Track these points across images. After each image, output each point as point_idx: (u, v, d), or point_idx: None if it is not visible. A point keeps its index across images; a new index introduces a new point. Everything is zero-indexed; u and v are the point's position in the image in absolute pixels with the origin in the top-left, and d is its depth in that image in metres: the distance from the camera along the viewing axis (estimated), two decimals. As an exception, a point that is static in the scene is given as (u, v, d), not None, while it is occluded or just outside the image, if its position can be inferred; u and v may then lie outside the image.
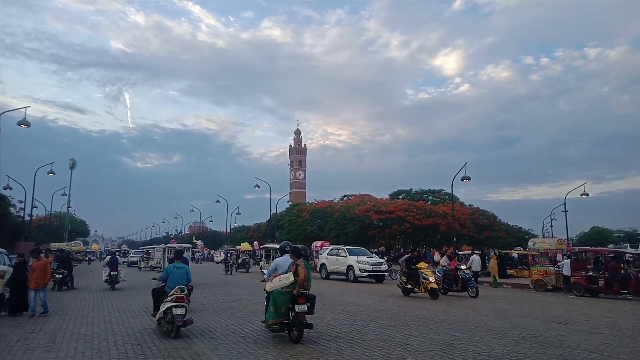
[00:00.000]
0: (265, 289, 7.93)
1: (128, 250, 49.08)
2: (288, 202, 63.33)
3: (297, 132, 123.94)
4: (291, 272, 7.39)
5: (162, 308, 7.95)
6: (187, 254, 20.66)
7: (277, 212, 55.26)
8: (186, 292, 8.23)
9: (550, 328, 9.15)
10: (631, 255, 22.95)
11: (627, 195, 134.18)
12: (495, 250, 28.00)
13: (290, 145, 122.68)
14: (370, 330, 8.50)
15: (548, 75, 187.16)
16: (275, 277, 7.65)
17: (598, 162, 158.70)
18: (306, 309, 7.29)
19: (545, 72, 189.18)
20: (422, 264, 15.32)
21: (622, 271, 16.88)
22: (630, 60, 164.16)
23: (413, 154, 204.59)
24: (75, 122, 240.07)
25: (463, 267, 16.57)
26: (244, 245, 39.86)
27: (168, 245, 24.48)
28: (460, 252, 28.03)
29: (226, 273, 28.22)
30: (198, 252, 62.14)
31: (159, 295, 8.57)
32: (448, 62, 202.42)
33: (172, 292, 8.05)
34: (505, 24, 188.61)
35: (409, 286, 14.79)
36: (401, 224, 43.43)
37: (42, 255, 12.37)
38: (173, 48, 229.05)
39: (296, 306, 7.24)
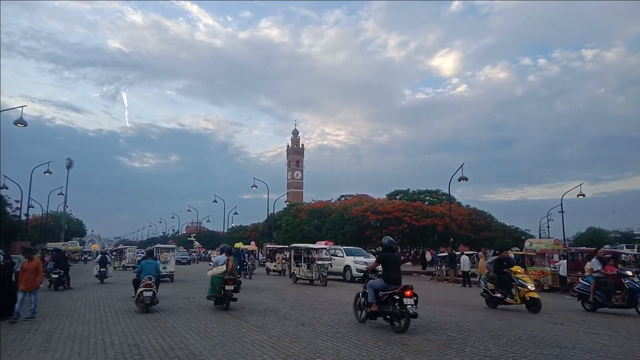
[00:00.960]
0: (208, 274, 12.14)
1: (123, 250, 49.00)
2: (285, 202, 63.32)
3: (295, 132, 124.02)
4: (225, 264, 11.53)
5: (137, 292, 11.02)
6: (174, 254, 24.07)
7: (275, 212, 55.24)
8: (153, 280, 11.20)
9: (547, 328, 9.17)
10: (626, 256, 23.04)
11: (623, 196, 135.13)
12: (484, 251, 28.10)
13: (288, 145, 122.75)
14: (367, 330, 8.51)
15: (545, 76, 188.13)
16: (215, 268, 11.84)
17: (595, 163, 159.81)
18: (232, 288, 11.27)
19: (542, 73, 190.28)
20: (517, 268, 12.97)
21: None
22: (627, 62, 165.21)
23: (410, 154, 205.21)
24: (72, 122, 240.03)
25: (629, 272, 12.20)
26: (237, 244, 39.66)
27: (157, 246, 24.55)
28: (440, 254, 28.28)
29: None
30: (194, 251, 62.02)
31: (136, 283, 11.53)
32: (445, 62, 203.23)
33: (144, 280, 11.06)
34: (503, 25, 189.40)
35: (498, 295, 12.16)
36: (399, 224, 43.44)
37: (35, 255, 12.23)
38: (170, 47, 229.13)
39: (226, 286, 11.21)
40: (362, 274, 21.50)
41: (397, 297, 8.37)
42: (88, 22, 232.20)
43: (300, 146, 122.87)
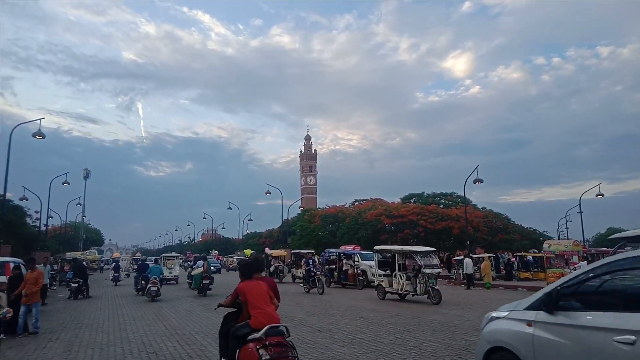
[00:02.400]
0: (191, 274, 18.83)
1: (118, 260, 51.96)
2: (299, 207, 63.37)
3: (307, 138, 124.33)
4: (202, 267, 18.31)
5: (147, 287, 16.34)
6: (179, 262, 29.41)
7: (289, 218, 55.33)
8: (157, 279, 16.61)
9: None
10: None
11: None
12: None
13: (301, 151, 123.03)
14: (384, 336, 8.44)
15: (559, 75, 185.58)
16: (196, 269, 18.79)
17: (612, 162, 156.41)
18: (208, 282, 17.53)
19: (556, 72, 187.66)
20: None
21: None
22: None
23: (423, 157, 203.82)
24: (89, 133, 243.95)
25: None
26: (246, 251, 39.67)
27: (164, 255, 30.31)
28: (457, 257, 27.99)
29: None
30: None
31: (146, 280, 16.91)
32: (458, 64, 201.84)
33: (151, 279, 16.33)
34: (515, 24, 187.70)
35: None
36: (414, 228, 43.13)
37: (38, 265, 12.04)
38: (183, 57, 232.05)
39: (203, 281, 17.49)
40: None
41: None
42: (102, 34, 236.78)
43: (313, 151, 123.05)
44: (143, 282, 17.73)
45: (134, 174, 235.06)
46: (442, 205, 51.66)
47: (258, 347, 4.11)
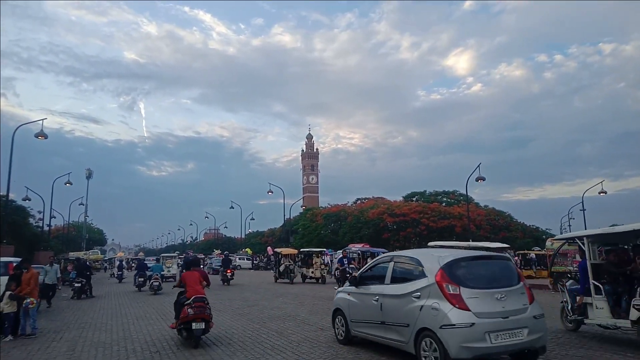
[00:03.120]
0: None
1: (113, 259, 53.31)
2: (301, 206, 63.43)
3: (309, 137, 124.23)
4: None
5: (150, 283, 19.07)
6: (177, 261, 29.33)
7: (291, 217, 55.41)
8: (159, 276, 19.45)
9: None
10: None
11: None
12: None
13: (302, 150, 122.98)
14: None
15: (562, 72, 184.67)
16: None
17: (615, 160, 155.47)
18: None
19: (559, 70, 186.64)
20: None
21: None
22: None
23: (425, 156, 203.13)
24: (91, 133, 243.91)
25: None
26: (247, 249, 39.68)
27: (163, 255, 34.11)
28: None
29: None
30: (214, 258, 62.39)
31: (143, 277, 20.63)
32: (459, 62, 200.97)
33: (154, 275, 19.16)
34: (516, 22, 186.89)
35: None
36: (416, 226, 43.17)
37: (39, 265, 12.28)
38: (185, 57, 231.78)
39: None
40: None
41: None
42: (104, 35, 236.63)
43: (315, 150, 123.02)
44: (141, 279, 20.70)
45: (137, 173, 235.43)
46: (444, 204, 51.68)
47: (188, 307, 7.61)
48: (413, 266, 6.20)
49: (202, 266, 22.12)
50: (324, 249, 29.07)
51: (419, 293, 5.73)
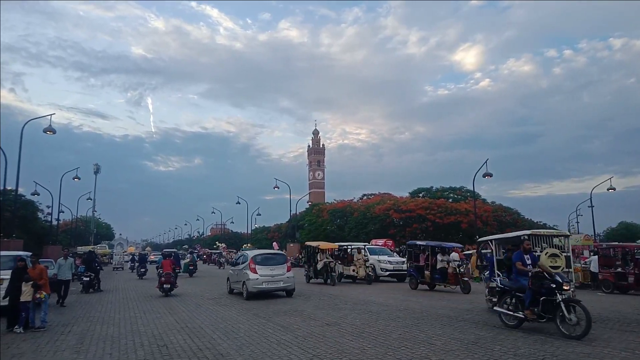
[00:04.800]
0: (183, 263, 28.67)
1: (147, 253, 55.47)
2: (307, 202, 63.45)
3: (315, 132, 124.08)
4: (189, 258, 30.38)
5: (158, 271, 18.72)
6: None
7: (297, 213, 55.47)
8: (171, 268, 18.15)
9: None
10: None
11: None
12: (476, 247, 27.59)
13: (309, 146, 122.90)
14: (393, 330, 8.45)
15: (571, 67, 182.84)
16: (186, 259, 30.27)
17: (624, 156, 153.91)
18: (192, 268, 28.71)
19: (568, 65, 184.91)
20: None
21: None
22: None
23: (432, 151, 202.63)
24: (99, 128, 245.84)
25: None
26: (245, 245, 39.93)
27: (165, 250, 33.50)
28: (466, 252, 27.34)
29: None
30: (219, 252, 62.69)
31: (144, 268, 26.03)
32: (467, 57, 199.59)
33: (161, 266, 17.28)
34: (525, 17, 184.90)
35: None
36: (422, 222, 43.06)
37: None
38: (192, 52, 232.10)
39: (190, 267, 28.43)
40: (387, 272, 21.71)
41: None
42: (111, 30, 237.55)
43: (321, 146, 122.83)
44: (142, 269, 25.97)
45: (144, 168, 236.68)
46: (450, 200, 51.44)
47: (162, 277, 16.02)
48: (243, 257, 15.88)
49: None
50: (365, 244, 25.30)
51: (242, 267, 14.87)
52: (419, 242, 19.30)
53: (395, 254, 26.76)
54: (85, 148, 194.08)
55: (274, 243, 48.62)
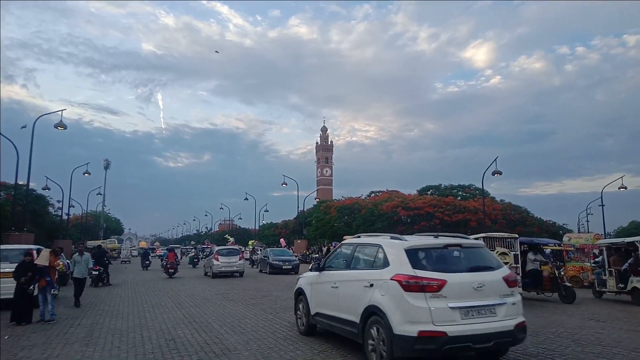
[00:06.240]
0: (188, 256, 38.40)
1: (154, 248, 60.66)
2: (315, 199, 63.49)
3: (324, 129, 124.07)
4: (193, 252, 39.90)
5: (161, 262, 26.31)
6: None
7: (305, 209, 55.56)
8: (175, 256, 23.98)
9: (588, 325, 8.84)
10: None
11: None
12: None
13: (317, 143, 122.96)
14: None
15: (584, 65, 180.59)
16: (191, 253, 40.80)
17: (638, 155, 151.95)
18: (197, 260, 35.70)
19: (581, 62, 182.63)
20: None
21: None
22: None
23: (442, 149, 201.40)
24: (110, 124, 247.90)
25: None
26: (250, 242, 40.71)
27: (170, 246, 41.19)
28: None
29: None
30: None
31: (163, 260, 26.97)
32: (478, 54, 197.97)
33: (167, 257, 23.07)
34: (538, 13, 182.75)
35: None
36: (430, 220, 42.92)
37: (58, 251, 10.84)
38: (202, 48, 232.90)
39: (194, 260, 35.51)
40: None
41: None
42: (122, 26, 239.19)
43: (329, 143, 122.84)
44: (147, 262, 30.49)
45: (154, 164, 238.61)
46: (459, 198, 51.20)
47: (166, 264, 22.51)
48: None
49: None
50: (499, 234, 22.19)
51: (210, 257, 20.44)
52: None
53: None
54: (95, 144, 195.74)
55: (281, 239, 48.68)
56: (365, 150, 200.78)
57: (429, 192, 54.88)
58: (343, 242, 7.87)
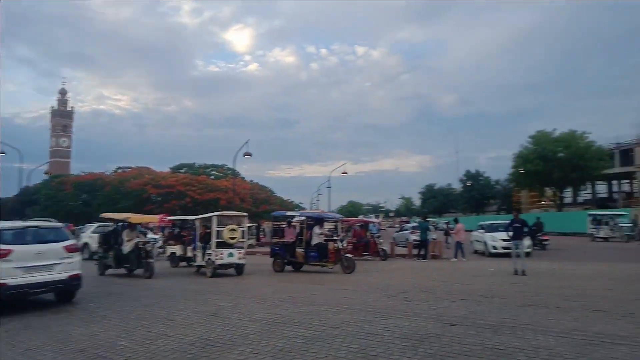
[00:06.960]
0: None
1: None
2: (45, 172, 54.09)
3: (63, 92, 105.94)
4: None
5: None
6: None
7: (31, 185, 46.69)
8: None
9: (306, 289, 10.27)
10: (375, 224, 27.79)
11: (375, 175, 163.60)
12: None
13: (53, 107, 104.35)
14: (134, 309, 7.99)
15: (325, 65, 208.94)
16: None
17: (356, 147, 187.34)
18: None
19: (323, 63, 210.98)
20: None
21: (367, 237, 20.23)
22: (386, 61, 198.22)
23: (199, 127, 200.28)
24: None
25: None
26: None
27: None
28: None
29: None
30: None
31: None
32: (240, 38, 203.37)
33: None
34: (292, 9, 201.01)
35: None
36: (181, 198, 42.35)
37: None
38: None
39: None
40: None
41: None
42: None
43: (70, 109, 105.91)
44: None
45: None
46: (212, 177, 52.22)
47: None
48: None
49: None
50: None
51: None
52: (289, 213, 16.75)
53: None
54: None
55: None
56: (115, 121, 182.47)
57: (182, 170, 54.04)
58: None
